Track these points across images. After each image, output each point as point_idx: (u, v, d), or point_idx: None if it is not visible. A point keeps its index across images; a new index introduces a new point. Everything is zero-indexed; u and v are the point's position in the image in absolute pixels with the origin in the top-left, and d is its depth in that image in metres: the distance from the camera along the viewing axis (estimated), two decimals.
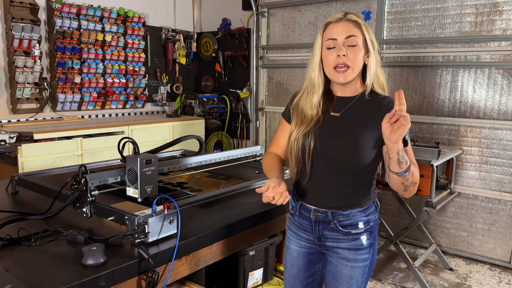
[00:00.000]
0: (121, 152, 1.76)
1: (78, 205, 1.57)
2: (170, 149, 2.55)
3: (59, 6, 4.34)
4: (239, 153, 2.46)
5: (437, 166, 3.10)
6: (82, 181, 1.54)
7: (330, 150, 1.51)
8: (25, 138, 3.67)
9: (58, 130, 3.89)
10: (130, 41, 5.02)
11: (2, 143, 3.55)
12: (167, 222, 1.47)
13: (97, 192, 1.59)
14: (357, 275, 1.56)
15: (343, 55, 1.45)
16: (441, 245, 3.84)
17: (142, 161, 1.56)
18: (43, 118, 4.43)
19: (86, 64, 4.62)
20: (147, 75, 5.31)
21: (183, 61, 5.68)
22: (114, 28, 4.82)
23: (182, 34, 5.67)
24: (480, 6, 3.47)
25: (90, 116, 4.89)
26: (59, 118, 4.51)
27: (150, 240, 1.43)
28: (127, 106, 5.20)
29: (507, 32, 3.36)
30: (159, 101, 5.55)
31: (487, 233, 3.62)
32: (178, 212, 1.50)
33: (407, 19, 3.84)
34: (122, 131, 4.41)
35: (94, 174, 1.59)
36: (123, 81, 4.99)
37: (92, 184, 1.57)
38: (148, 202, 1.69)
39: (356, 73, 1.49)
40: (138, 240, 1.40)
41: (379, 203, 1.67)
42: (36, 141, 3.70)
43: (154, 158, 1.61)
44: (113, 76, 4.91)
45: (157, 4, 5.47)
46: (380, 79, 1.53)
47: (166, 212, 1.47)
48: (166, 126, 4.86)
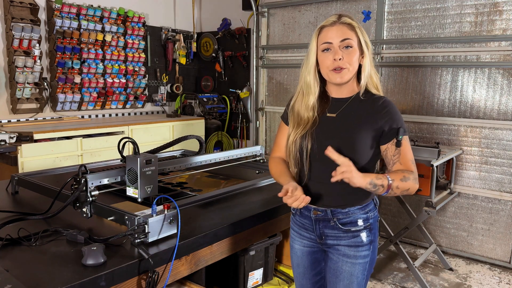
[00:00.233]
0: (121, 152, 1.76)
1: (78, 205, 1.57)
2: (170, 149, 2.55)
3: (59, 6, 4.34)
4: (239, 153, 2.46)
5: (437, 166, 3.10)
6: (82, 181, 1.54)
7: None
8: (25, 138, 3.67)
9: (58, 130, 3.89)
10: (130, 41, 5.02)
11: (2, 143, 3.55)
12: (167, 222, 1.47)
13: (97, 192, 1.59)
14: (357, 272, 1.58)
15: (339, 59, 1.48)
16: (441, 245, 3.84)
17: (142, 161, 1.56)
18: (43, 118, 4.43)
19: (86, 64, 4.62)
20: (147, 75, 5.31)
21: (183, 61, 5.67)
22: (114, 28, 4.82)
23: (182, 34, 5.66)
24: (480, 6, 3.47)
25: (90, 116, 4.89)
26: (59, 118, 4.51)
27: (150, 240, 1.43)
28: (127, 106, 5.20)
29: (507, 32, 3.36)
30: (159, 101, 5.55)
31: (487, 233, 3.62)
32: (178, 212, 1.50)
33: (407, 19, 3.84)
34: (122, 131, 4.41)
35: (94, 174, 1.59)
36: (123, 81, 4.99)
37: (92, 184, 1.57)
38: (148, 202, 1.69)
39: (352, 73, 1.52)
40: (138, 240, 1.40)
41: (378, 201, 1.69)
42: (36, 141, 3.70)
43: (154, 158, 1.61)
44: (113, 76, 4.91)
45: (157, 4, 5.47)
46: (373, 79, 1.56)
47: (166, 212, 1.47)
48: (166, 126, 4.86)
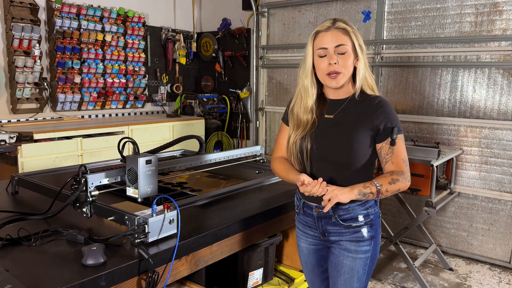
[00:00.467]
0: (121, 152, 1.76)
1: (78, 205, 1.57)
2: (170, 149, 2.55)
3: (59, 6, 4.34)
4: (239, 153, 2.46)
5: (437, 166, 3.10)
6: (82, 181, 1.54)
7: (326, 151, 1.59)
8: (25, 138, 3.67)
9: (58, 130, 3.89)
10: (130, 41, 5.02)
11: (2, 143, 3.55)
12: (167, 222, 1.47)
13: (97, 192, 1.59)
14: (358, 266, 1.61)
15: (334, 63, 1.54)
16: (441, 245, 3.84)
17: (142, 161, 1.56)
18: (43, 118, 4.43)
19: (86, 64, 4.62)
20: (147, 75, 5.31)
21: (183, 61, 5.67)
22: (114, 28, 4.82)
23: (182, 34, 5.66)
24: (480, 6, 3.47)
25: (90, 116, 4.89)
26: (59, 118, 4.51)
27: (150, 240, 1.43)
28: (127, 106, 5.20)
29: (507, 32, 3.36)
30: (159, 101, 5.55)
31: (487, 233, 3.62)
32: (178, 212, 1.50)
33: (407, 19, 3.84)
34: (122, 131, 4.41)
35: (94, 174, 1.59)
36: (123, 81, 4.99)
37: (92, 184, 1.57)
38: (148, 202, 1.69)
39: (347, 77, 1.58)
40: (138, 240, 1.40)
41: (379, 200, 1.70)
42: (36, 141, 3.70)
43: (154, 158, 1.61)
44: (113, 76, 4.91)
45: (157, 4, 5.47)
46: (368, 81, 1.61)
47: (166, 212, 1.47)
48: (166, 126, 4.86)
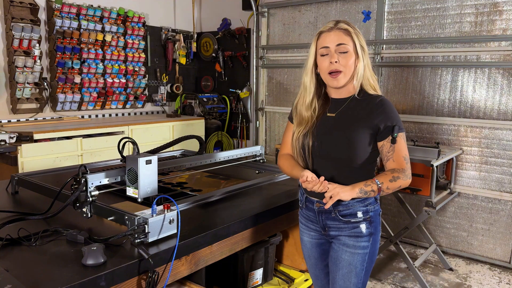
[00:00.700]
0: (121, 152, 1.76)
1: (78, 205, 1.57)
2: (170, 149, 2.55)
3: (59, 6, 4.34)
4: (239, 153, 2.46)
5: (437, 166, 3.10)
6: (82, 181, 1.54)
7: (327, 148, 1.65)
8: (25, 138, 3.67)
9: (58, 130, 3.89)
10: (130, 41, 5.02)
11: (2, 143, 3.55)
12: (167, 222, 1.47)
13: (97, 192, 1.59)
14: (356, 262, 1.65)
15: (335, 62, 1.60)
16: (441, 245, 3.84)
17: (142, 161, 1.56)
18: (43, 118, 4.43)
19: (86, 64, 4.62)
20: (147, 75, 5.31)
21: (183, 61, 5.67)
22: (114, 28, 4.82)
23: (182, 34, 5.66)
24: (480, 6, 3.47)
25: (90, 116, 4.89)
26: (59, 118, 4.51)
27: (150, 240, 1.43)
28: (127, 106, 5.20)
29: (507, 32, 3.36)
30: (159, 101, 5.55)
31: (487, 233, 3.62)
32: (178, 212, 1.50)
33: (407, 19, 3.84)
34: (122, 131, 4.41)
35: (94, 174, 1.59)
36: (123, 81, 4.99)
37: (92, 184, 1.57)
38: (148, 202, 1.69)
39: (348, 76, 1.63)
40: (138, 240, 1.40)
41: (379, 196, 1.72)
42: (36, 141, 3.70)
43: (154, 158, 1.61)
44: (113, 76, 4.91)
45: (157, 4, 5.47)
46: (370, 81, 1.66)
47: (166, 212, 1.47)
48: (166, 126, 4.86)
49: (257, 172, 2.57)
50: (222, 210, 1.85)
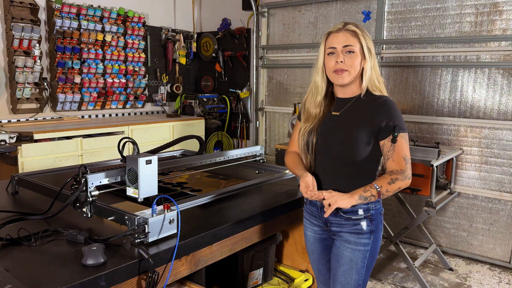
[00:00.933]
0: (121, 152, 1.76)
1: (78, 205, 1.57)
2: (170, 149, 2.55)
3: (59, 6, 4.34)
4: (239, 153, 2.46)
5: (437, 166, 3.10)
6: (82, 181, 1.54)
7: (329, 145, 1.69)
8: (25, 138, 3.66)
9: (58, 130, 3.89)
10: (130, 41, 5.02)
11: (2, 143, 3.55)
12: (167, 222, 1.47)
13: (97, 192, 1.59)
14: (357, 258, 1.68)
15: (341, 62, 1.64)
16: (441, 245, 3.84)
17: (142, 161, 1.56)
18: (43, 118, 4.43)
19: (86, 64, 4.62)
20: (147, 75, 5.31)
21: (183, 61, 5.67)
22: (114, 28, 4.82)
23: (182, 34, 5.66)
24: (480, 6, 3.47)
25: (90, 116, 4.89)
26: (59, 118, 4.51)
27: (150, 240, 1.43)
28: (127, 106, 5.20)
29: (507, 32, 3.36)
30: (159, 101, 5.55)
31: (487, 233, 3.62)
32: (178, 212, 1.50)
33: (407, 19, 3.84)
34: (122, 131, 4.41)
35: (94, 174, 1.59)
36: (123, 81, 4.99)
37: (92, 184, 1.57)
38: (148, 202, 1.69)
39: (353, 76, 1.67)
40: (138, 240, 1.40)
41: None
42: (36, 141, 3.70)
43: (154, 158, 1.61)
44: (113, 76, 4.91)
45: (157, 4, 5.47)
46: (376, 83, 1.70)
47: (166, 212, 1.47)
48: (166, 126, 4.86)
49: (257, 172, 2.57)
50: (222, 210, 1.85)
